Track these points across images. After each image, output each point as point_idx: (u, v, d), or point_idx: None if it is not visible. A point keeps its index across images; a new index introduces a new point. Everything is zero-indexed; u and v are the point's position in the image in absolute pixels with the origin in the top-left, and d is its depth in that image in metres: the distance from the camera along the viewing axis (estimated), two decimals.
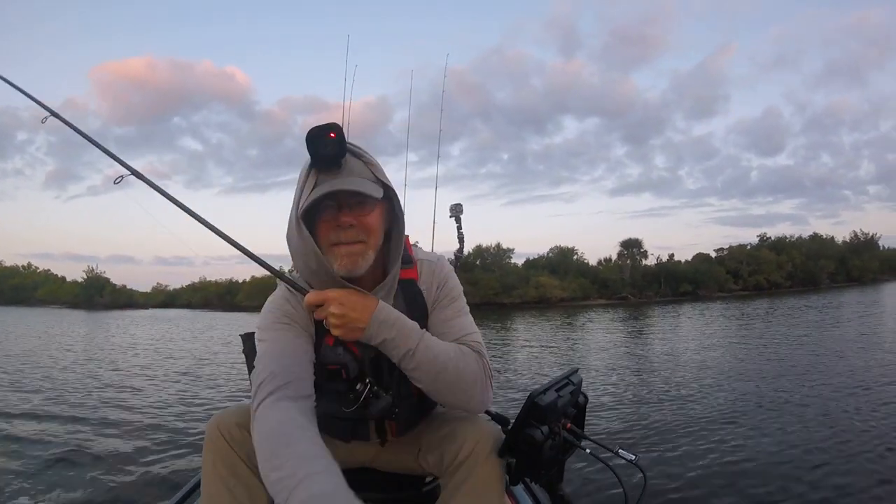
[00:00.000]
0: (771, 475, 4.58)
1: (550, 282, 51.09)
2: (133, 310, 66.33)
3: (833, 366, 9.79)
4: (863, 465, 4.64)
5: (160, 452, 5.47)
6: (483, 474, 1.30)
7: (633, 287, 54.97)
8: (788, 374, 9.35)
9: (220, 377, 10.91)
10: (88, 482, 4.69)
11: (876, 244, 72.61)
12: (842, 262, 63.47)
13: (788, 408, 6.88)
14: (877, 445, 5.12)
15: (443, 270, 1.42)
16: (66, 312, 56.43)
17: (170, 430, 6.38)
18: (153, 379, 10.77)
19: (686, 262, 61.69)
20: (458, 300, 1.41)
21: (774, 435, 5.73)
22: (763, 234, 69.34)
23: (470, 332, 1.34)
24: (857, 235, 72.85)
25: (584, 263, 60.20)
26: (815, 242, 67.61)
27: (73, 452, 5.46)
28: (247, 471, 1.30)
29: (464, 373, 1.24)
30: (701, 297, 50.09)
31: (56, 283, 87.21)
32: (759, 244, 66.27)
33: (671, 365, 10.98)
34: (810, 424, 6.05)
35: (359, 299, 1.20)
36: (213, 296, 74.83)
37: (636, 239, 60.07)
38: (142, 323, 35.31)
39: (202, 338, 22.54)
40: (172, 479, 4.66)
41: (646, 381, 9.19)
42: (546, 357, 13.21)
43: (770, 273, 58.72)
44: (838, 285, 57.55)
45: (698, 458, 5.04)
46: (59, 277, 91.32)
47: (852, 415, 6.31)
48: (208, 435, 1.34)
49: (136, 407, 7.87)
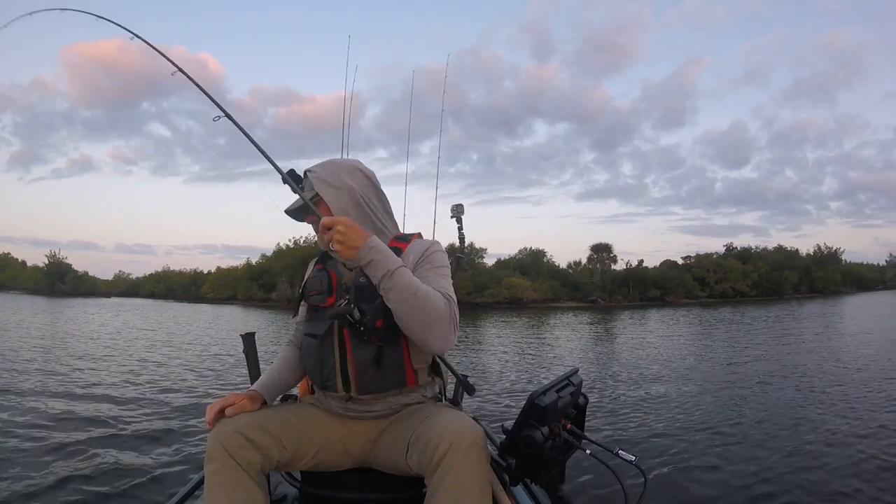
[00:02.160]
0: (770, 476, 4.70)
1: (523, 283, 51.38)
2: (95, 298, 64.72)
3: (816, 371, 10.13)
4: (871, 473, 4.77)
5: (151, 451, 5.22)
6: (463, 473, 1.28)
7: (603, 290, 55.66)
8: (778, 375, 9.75)
9: (211, 374, 10.61)
10: (71, 481, 4.43)
11: (839, 258, 75.03)
12: (806, 274, 65.35)
13: (786, 410, 7.14)
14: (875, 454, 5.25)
15: (430, 246, 1.60)
16: (26, 299, 54.67)
17: (160, 427, 6.11)
18: (133, 373, 10.35)
19: (655, 267, 62.71)
20: (439, 268, 1.54)
21: (773, 436, 5.92)
22: (729, 244, 71.21)
23: (444, 287, 1.46)
24: (821, 249, 75.37)
25: (555, 266, 60.73)
26: (781, 254, 69.49)
27: (52, 450, 5.19)
28: (249, 480, 1.39)
29: (432, 306, 1.38)
30: (669, 303, 51.06)
31: (17, 268, 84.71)
32: (725, 253, 67.85)
33: (654, 367, 11.15)
34: (807, 425, 6.30)
35: (359, 229, 1.42)
36: (178, 286, 73.59)
37: (606, 243, 60.91)
38: (112, 312, 34.36)
39: (177, 331, 22.04)
40: (169, 478, 4.48)
41: (634, 382, 9.29)
42: (531, 357, 13.26)
43: (736, 282, 60.11)
44: (802, 296, 59.24)
45: (698, 459, 5.14)
46: (19, 262, 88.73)
47: (850, 420, 6.50)
48: (210, 444, 1.41)
49: (123, 401, 7.58)
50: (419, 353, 1.57)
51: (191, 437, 5.72)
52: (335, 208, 1.59)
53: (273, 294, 53.94)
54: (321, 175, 1.62)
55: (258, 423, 1.46)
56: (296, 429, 1.53)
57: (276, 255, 59.40)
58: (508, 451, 1.35)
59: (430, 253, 1.56)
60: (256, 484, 1.41)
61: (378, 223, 1.64)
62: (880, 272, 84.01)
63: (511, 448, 1.33)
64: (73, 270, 78.60)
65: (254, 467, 1.41)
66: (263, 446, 1.43)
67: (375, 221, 1.64)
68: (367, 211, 1.62)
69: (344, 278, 1.61)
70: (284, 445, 1.48)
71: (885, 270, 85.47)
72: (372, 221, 1.63)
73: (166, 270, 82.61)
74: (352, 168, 1.66)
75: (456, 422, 1.37)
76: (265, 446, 1.43)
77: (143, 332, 19.89)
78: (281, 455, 1.47)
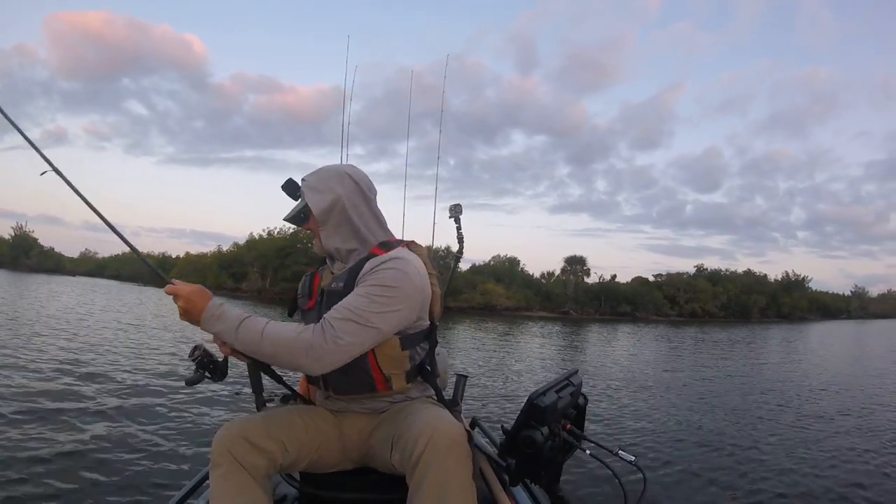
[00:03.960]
0: (769, 476, 4.95)
1: (497, 289, 51.56)
2: (60, 275, 63.10)
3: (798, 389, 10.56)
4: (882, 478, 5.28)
5: (147, 449, 5.06)
6: (442, 471, 1.27)
7: (576, 302, 56.19)
8: (770, 388, 10.67)
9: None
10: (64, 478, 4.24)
11: (805, 285, 77.03)
12: (773, 299, 66.97)
13: (783, 414, 7.73)
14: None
15: (383, 262, 1.50)
16: None
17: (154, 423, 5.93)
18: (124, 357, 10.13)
19: (626, 283, 63.52)
20: (368, 288, 1.46)
21: (771, 437, 6.33)
22: (700, 265, 72.56)
23: (337, 309, 1.44)
24: (789, 275, 77.13)
25: (529, 275, 61.11)
26: (749, 277, 71.06)
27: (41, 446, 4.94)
28: (254, 485, 1.42)
29: (281, 345, 1.39)
30: (639, 319, 51.84)
31: None
32: (696, 274, 69.09)
33: (632, 376, 11.56)
34: (804, 429, 6.84)
35: (198, 298, 1.46)
36: (144, 269, 71.82)
37: (581, 256, 61.58)
38: (79, 292, 33.47)
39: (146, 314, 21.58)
40: (165, 477, 4.37)
41: (614, 389, 9.46)
42: (515, 362, 13.30)
43: (706, 302, 61.28)
44: (769, 320, 60.75)
45: (697, 460, 5.33)
46: None
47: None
48: (215, 449, 1.42)
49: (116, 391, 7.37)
50: (391, 360, 1.54)
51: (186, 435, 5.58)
52: (316, 214, 1.61)
53: (243, 284, 52.80)
54: (310, 182, 1.64)
55: (263, 427, 1.48)
56: (299, 430, 1.54)
57: (248, 244, 58.51)
58: (508, 452, 1.34)
59: (374, 270, 1.49)
60: (261, 488, 1.44)
61: (362, 229, 1.62)
62: (846, 302, 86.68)
63: (511, 448, 1.32)
64: (39, 245, 76.53)
65: (259, 472, 1.44)
66: (268, 450, 1.45)
67: (360, 228, 1.62)
68: (349, 216, 1.61)
69: (323, 283, 1.66)
70: (287, 448, 1.49)
71: (851, 300, 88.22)
72: (355, 228, 1.61)
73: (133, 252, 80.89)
74: (341, 173, 1.65)
75: (436, 419, 1.36)
76: (269, 450, 1.45)
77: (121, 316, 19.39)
78: (284, 458, 1.49)
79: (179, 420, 6.10)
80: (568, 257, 61.49)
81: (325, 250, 1.65)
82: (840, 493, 4.78)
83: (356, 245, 1.61)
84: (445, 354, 2.00)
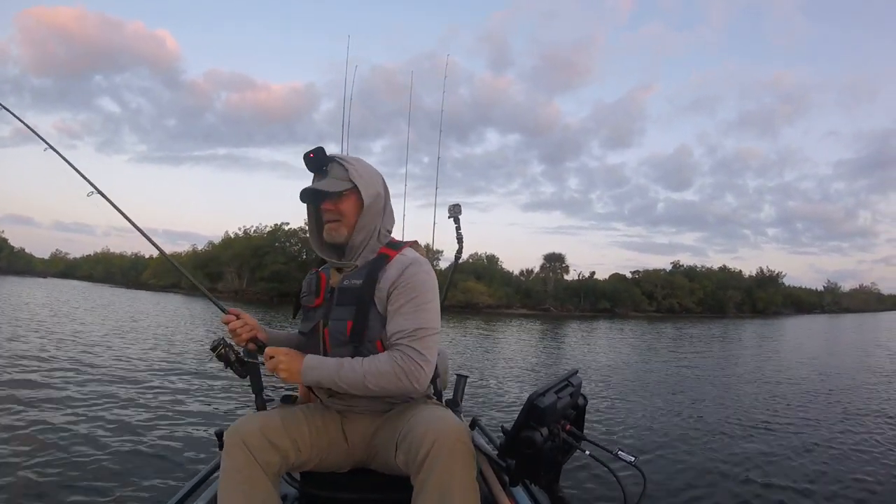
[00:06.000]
0: (768, 476, 4.93)
1: (479, 287, 51.77)
2: (31, 277, 61.69)
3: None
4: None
5: (147, 447, 5.00)
6: (446, 471, 1.26)
7: (556, 299, 56.66)
8: (768, 385, 10.60)
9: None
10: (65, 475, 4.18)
11: (780, 281, 78.70)
12: (748, 294, 68.24)
13: (782, 412, 7.72)
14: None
15: (409, 266, 1.54)
16: None
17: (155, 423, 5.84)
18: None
19: (605, 280, 64.23)
20: (415, 298, 1.50)
21: (769, 438, 6.31)
22: (676, 262, 73.73)
23: (401, 331, 1.47)
24: (763, 271, 78.76)
25: (508, 273, 61.49)
26: (724, 273, 72.46)
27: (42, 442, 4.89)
28: (265, 479, 1.40)
29: (383, 379, 1.43)
30: (618, 315, 52.47)
31: None
32: (672, 270, 70.14)
33: (628, 373, 11.63)
34: (804, 433, 6.70)
35: (294, 359, 1.50)
36: (117, 270, 70.86)
37: (559, 254, 62.22)
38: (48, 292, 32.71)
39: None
40: (165, 477, 4.28)
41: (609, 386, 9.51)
42: (505, 359, 13.33)
43: (683, 298, 62.32)
44: (744, 315, 61.89)
45: (697, 460, 5.33)
46: None
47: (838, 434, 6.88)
48: (228, 442, 1.41)
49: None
50: None
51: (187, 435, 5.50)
52: (367, 201, 1.60)
53: (219, 284, 51.82)
54: (358, 169, 1.62)
55: (280, 424, 1.49)
56: (310, 430, 1.55)
57: (224, 243, 57.80)
58: (508, 452, 1.34)
59: (407, 277, 1.52)
60: (272, 485, 1.43)
61: (381, 227, 1.66)
62: (819, 297, 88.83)
63: (511, 449, 1.31)
64: (10, 246, 74.71)
65: (272, 469, 1.43)
66: (282, 448, 1.45)
67: (380, 226, 1.65)
68: (382, 214, 1.65)
69: (332, 281, 1.66)
70: (300, 448, 1.50)
71: (824, 295, 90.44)
72: (381, 226, 1.65)
73: (105, 252, 79.76)
74: (378, 173, 1.69)
75: (440, 420, 1.36)
76: (283, 448, 1.45)
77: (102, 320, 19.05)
78: (296, 458, 1.50)
79: (180, 420, 6.05)
80: (547, 255, 62.22)
81: (342, 239, 1.62)
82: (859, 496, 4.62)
83: (374, 242, 1.62)
84: (446, 354, 2.00)
